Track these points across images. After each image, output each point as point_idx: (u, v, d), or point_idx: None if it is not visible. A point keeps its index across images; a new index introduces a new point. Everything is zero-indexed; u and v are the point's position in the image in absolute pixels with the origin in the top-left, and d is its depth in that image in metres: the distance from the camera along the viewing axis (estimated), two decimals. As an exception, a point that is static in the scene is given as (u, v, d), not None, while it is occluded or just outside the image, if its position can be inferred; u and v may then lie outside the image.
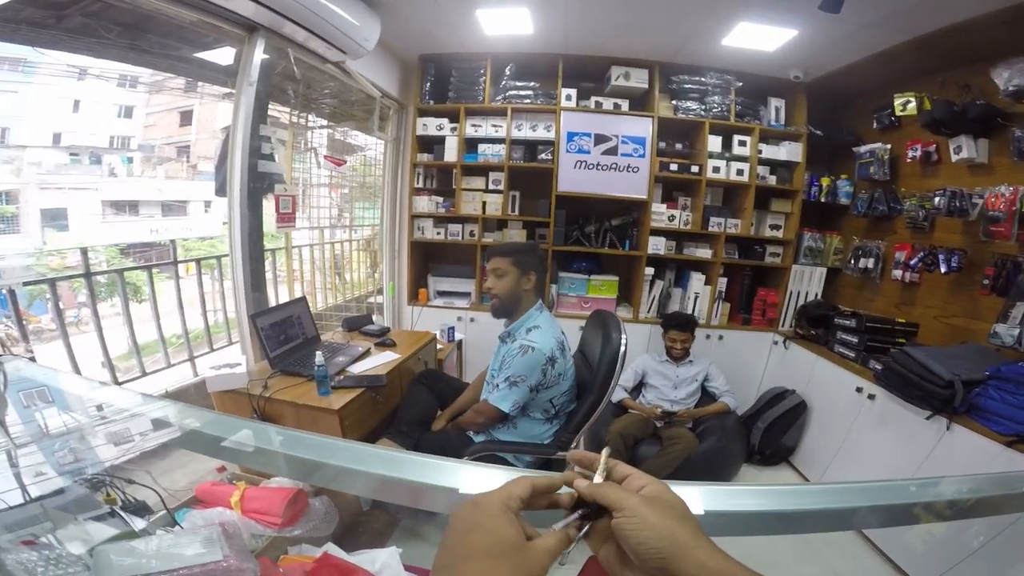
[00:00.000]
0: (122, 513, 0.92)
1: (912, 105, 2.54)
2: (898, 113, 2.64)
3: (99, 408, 1.01)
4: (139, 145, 17.43)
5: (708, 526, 0.41)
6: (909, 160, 2.61)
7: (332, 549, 1.18)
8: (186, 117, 17.93)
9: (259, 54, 2.02)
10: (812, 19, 2.24)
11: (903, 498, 0.68)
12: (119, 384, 2.20)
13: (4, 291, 1.98)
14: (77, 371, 2.20)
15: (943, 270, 2.36)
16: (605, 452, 0.48)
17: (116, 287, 2.70)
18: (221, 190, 2.12)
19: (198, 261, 2.85)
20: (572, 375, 1.87)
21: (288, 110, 2.90)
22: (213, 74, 2.37)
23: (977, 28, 2.05)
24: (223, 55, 2.23)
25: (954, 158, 2.34)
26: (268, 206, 2.30)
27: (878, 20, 2.18)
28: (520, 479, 0.44)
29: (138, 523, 0.94)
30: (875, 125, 2.88)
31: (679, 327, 2.80)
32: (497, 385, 1.77)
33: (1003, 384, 1.84)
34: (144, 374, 2.36)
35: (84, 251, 2.51)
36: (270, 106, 2.33)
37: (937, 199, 2.37)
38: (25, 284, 2.28)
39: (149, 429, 0.92)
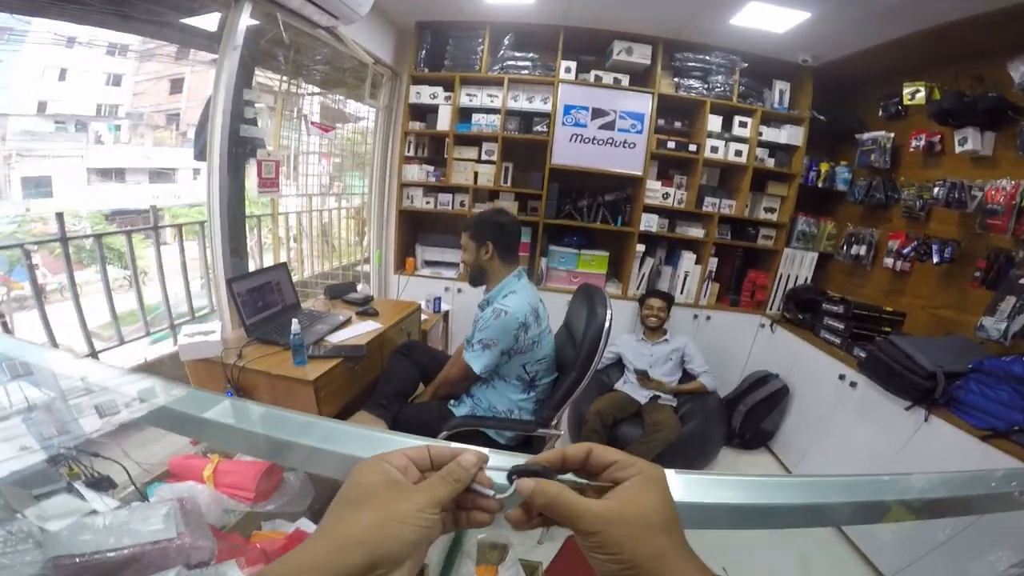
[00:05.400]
0: (78, 487, 0.88)
1: (921, 95, 2.48)
2: (906, 102, 2.58)
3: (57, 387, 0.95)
4: (127, 113, 17.00)
5: (682, 518, 0.37)
6: (912, 150, 2.57)
7: (304, 524, 1.15)
8: (176, 85, 17.45)
9: (245, 18, 1.92)
10: (827, 1, 2.17)
11: (880, 495, 0.65)
12: (96, 354, 2.15)
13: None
14: (53, 340, 2.15)
15: (935, 260, 2.35)
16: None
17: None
18: (200, 155, 2.05)
19: (179, 226, 2.76)
20: (549, 345, 1.85)
21: (278, 76, 2.80)
22: (200, 40, 2.26)
23: (995, 22, 2.01)
24: (210, 21, 2.12)
25: (958, 149, 2.31)
26: (253, 172, 2.22)
27: (896, 7, 2.11)
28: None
29: (105, 499, 0.90)
30: (880, 113, 2.83)
31: (657, 295, 2.90)
32: (473, 345, 1.77)
33: (983, 378, 1.84)
34: (122, 342, 2.31)
35: (60, 216, 2.41)
36: (259, 72, 2.23)
37: (936, 189, 2.35)
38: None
39: (121, 403, 0.87)
